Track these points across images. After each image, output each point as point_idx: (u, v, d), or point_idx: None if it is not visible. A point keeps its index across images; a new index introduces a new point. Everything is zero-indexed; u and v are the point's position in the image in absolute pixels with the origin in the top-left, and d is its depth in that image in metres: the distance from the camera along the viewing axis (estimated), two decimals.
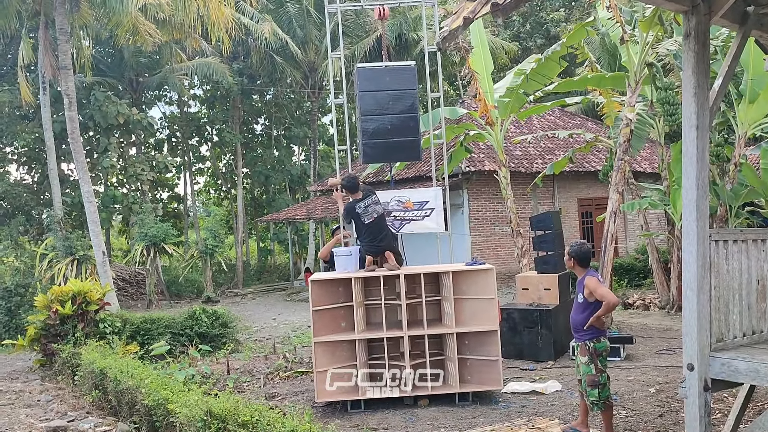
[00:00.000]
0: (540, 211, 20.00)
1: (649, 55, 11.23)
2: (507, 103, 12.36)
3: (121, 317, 10.95)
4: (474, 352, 7.45)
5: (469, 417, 6.81)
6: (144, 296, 21.97)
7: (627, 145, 11.00)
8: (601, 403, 5.65)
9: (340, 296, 7.52)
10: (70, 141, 14.90)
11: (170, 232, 21.25)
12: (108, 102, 23.83)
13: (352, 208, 7.40)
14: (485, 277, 7.37)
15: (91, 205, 14.42)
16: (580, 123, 23.76)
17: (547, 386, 7.70)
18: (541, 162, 19.93)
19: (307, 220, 23.91)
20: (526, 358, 9.39)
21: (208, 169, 35.14)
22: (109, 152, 24.65)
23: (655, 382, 7.75)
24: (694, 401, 3.64)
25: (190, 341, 10.95)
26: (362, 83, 8.05)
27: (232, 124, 29.89)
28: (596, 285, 5.60)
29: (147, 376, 7.08)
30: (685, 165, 3.70)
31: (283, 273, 30.24)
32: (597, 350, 5.68)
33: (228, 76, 25.65)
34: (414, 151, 8.21)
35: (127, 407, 7.11)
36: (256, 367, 10.02)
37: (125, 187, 28.63)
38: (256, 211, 33.73)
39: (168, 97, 31.27)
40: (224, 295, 23.29)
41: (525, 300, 9.94)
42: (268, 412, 5.16)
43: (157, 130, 30.15)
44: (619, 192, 11.10)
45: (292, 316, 16.58)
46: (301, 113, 33.69)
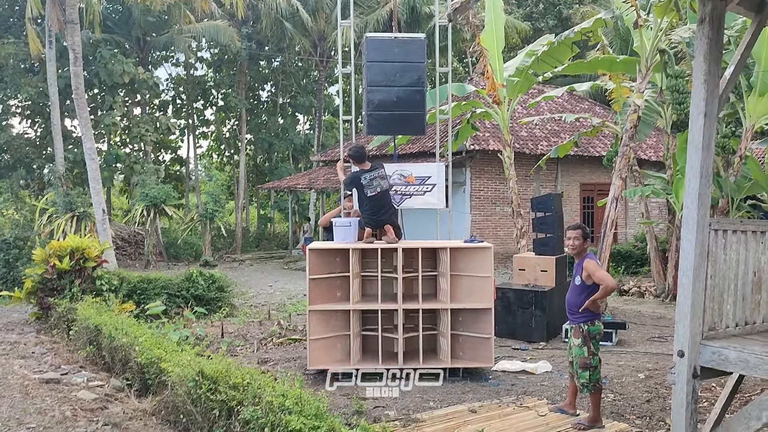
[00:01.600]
0: (542, 193, 19.96)
1: (662, 41, 11.10)
2: (516, 83, 12.26)
3: (118, 275, 10.99)
4: (467, 328, 7.49)
5: (459, 392, 6.87)
6: (142, 256, 22.04)
7: (633, 131, 10.93)
8: (591, 386, 5.69)
9: (337, 266, 7.54)
10: (74, 97, 14.79)
11: (171, 194, 21.25)
12: (114, 60, 23.67)
13: (357, 177, 7.37)
14: (483, 255, 7.38)
15: (93, 162, 14.38)
16: (588, 107, 23.60)
17: (538, 366, 7.75)
18: (546, 144, 19.84)
19: (308, 189, 23.89)
20: (518, 338, 9.45)
21: (212, 133, 35.03)
22: (113, 110, 24.54)
23: (645, 368, 7.80)
24: (682, 387, 3.67)
25: (186, 303, 11.01)
26: (370, 53, 7.98)
27: (238, 89, 29.71)
28: (595, 268, 5.61)
29: (141, 334, 7.13)
30: (690, 153, 3.68)
31: (282, 241, 30.30)
32: (591, 333, 5.70)
33: (236, 40, 25.43)
34: (419, 125, 8.17)
35: (120, 364, 7.18)
36: (250, 332, 10.09)
37: (128, 147, 28.56)
38: (258, 178, 33.67)
39: (174, 58, 31.06)
40: (222, 260, 23.37)
41: (521, 280, 9.97)
42: (260, 376, 5.21)
43: (163, 91, 30.01)
44: (623, 178, 11.06)
45: (288, 285, 16.64)
46: (308, 82, 33.47)
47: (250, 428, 4.65)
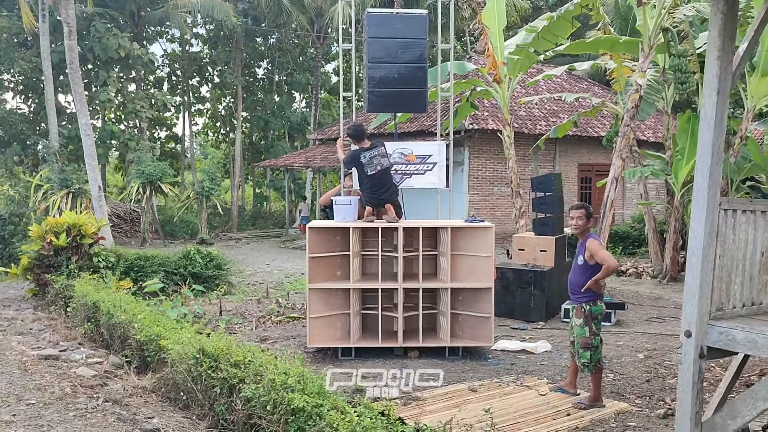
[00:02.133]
0: (540, 173, 19.92)
1: (665, 20, 10.99)
2: (516, 61, 12.14)
3: (115, 252, 10.94)
4: (467, 308, 7.47)
5: (459, 371, 6.87)
6: (138, 234, 21.96)
7: (635, 111, 10.85)
8: (591, 365, 5.69)
9: (337, 245, 7.49)
10: (69, 71, 14.60)
11: (167, 171, 21.11)
12: (108, 34, 23.36)
13: (357, 156, 7.29)
14: (484, 234, 7.34)
15: (89, 138, 14.22)
16: (587, 87, 23.48)
17: (537, 346, 7.76)
18: (545, 124, 19.76)
19: (305, 168, 23.77)
20: (517, 318, 9.45)
21: (208, 110, 34.77)
22: (107, 86, 24.27)
23: (644, 348, 7.82)
24: (688, 367, 3.65)
25: (184, 281, 10.96)
26: (372, 29, 7.85)
27: (234, 66, 29.42)
28: (598, 248, 5.58)
29: (140, 311, 7.09)
30: (702, 130, 3.63)
31: (278, 220, 30.23)
32: (592, 313, 5.68)
33: (232, 16, 25.12)
34: (420, 102, 8.08)
35: (118, 341, 7.15)
36: (248, 310, 10.07)
37: (123, 124, 28.32)
38: (254, 156, 33.51)
39: (169, 34, 30.72)
40: (218, 238, 23.30)
41: (520, 260, 9.95)
42: (261, 354, 5.18)
43: (158, 67, 29.69)
44: (623, 158, 11.01)
45: (285, 263, 16.61)
46: (305, 59, 33.18)
47: (251, 406, 4.63)
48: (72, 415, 5.02)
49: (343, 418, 3.86)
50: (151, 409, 5.40)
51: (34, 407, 5.13)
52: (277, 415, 4.42)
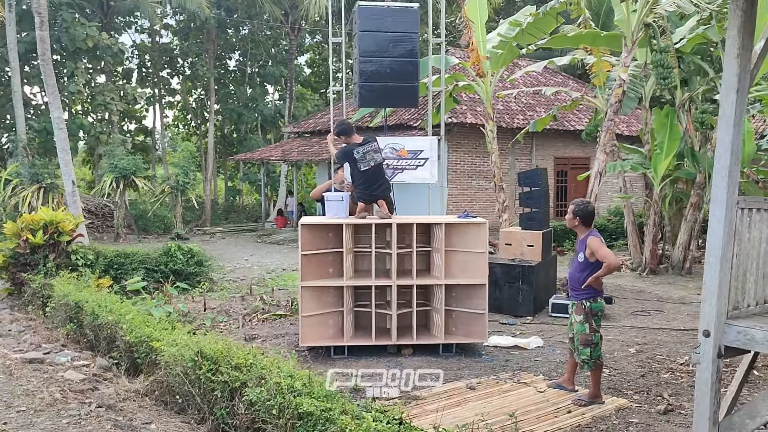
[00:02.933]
0: (518, 167, 20.01)
1: (647, 15, 11.06)
2: (499, 55, 12.13)
3: (93, 250, 10.65)
4: (461, 304, 7.43)
5: (454, 368, 6.83)
6: (110, 229, 21.50)
7: (618, 105, 10.93)
8: (591, 362, 5.69)
9: (329, 242, 7.38)
10: (41, 62, 14.13)
11: (141, 165, 20.68)
12: (76, 24, 22.73)
13: (350, 151, 7.17)
14: (477, 230, 7.30)
15: (62, 131, 13.79)
16: (562, 81, 23.63)
17: (530, 342, 7.76)
18: (522, 118, 19.82)
19: (282, 161, 23.50)
20: (505, 313, 9.45)
21: (178, 102, 34.18)
22: (76, 77, 23.65)
23: (634, 342, 7.87)
24: (707, 367, 3.64)
25: (165, 278, 10.73)
26: (363, 22, 7.73)
27: (207, 57, 28.93)
28: (599, 245, 5.57)
29: (127, 312, 6.90)
30: (720, 129, 3.61)
31: (251, 214, 29.90)
32: (593, 310, 5.68)
33: (204, 6, 24.65)
34: (411, 97, 7.99)
35: (105, 342, 6.93)
36: (232, 308, 9.90)
37: (91, 116, 27.66)
38: (225, 149, 33.06)
39: (139, 24, 30.05)
40: (193, 233, 22.94)
41: (507, 255, 9.96)
42: (262, 356, 5.06)
43: (127, 58, 29.04)
44: (607, 152, 11.09)
45: (264, 258, 16.42)
46: (278, 51, 32.78)
47: (255, 410, 4.51)
48: (66, 422, 4.85)
49: (358, 424, 3.76)
50: (146, 414, 5.24)
51: (25, 414, 4.94)
52: (283, 419, 4.31)
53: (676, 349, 7.55)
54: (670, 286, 11.96)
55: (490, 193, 19.35)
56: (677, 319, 9.19)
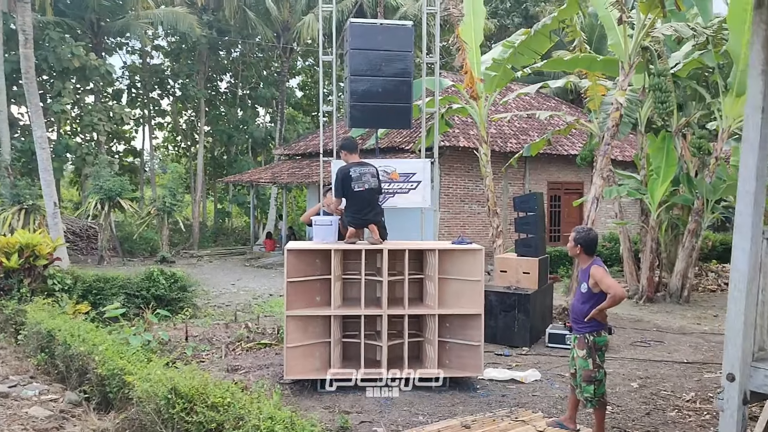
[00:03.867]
0: (510, 191, 19.77)
1: (644, 39, 10.88)
2: (493, 77, 11.91)
3: (71, 274, 10.21)
4: (455, 335, 7.05)
5: (448, 404, 6.43)
6: (95, 251, 21.01)
7: (615, 129, 10.69)
8: (595, 400, 5.32)
9: (317, 268, 7.00)
10: (24, 81, 13.80)
11: (127, 186, 20.27)
12: (62, 43, 22.43)
13: (347, 171, 6.82)
14: (473, 257, 6.95)
15: (44, 152, 13.42)
16: (555, 105, 23.51)
17: (527, 375, 7.37)
18: (515, 142, 19.62)
19: (272, 183, 23.16)
20: (500, 343, 9.07)
21: (168, 124, 33.88)
22: (62, 97, 23.30)
23: (636, 376, 7.51)
24: (732, 414, 3.29)
25: (146, 304, 10.29)
26: (354, 40, 7.45)
27: (197, 79, 28.70)
28: (603, 275, 5.22)
29: (101, 341, 6.49)
30: (744, 152, 3.30)
31: (240, 237, 29.48)
32: (597, 344, 5.32)
33: (196, 27, 24.47)
34: (404, 118, 7.69)
35: (76, 374, 6.52)
36: (216, 336, 9.47)
37: (79, 137, 27.28)
38: (215, 171, 32.71)
39: (130, 46, 29.84)
40: (179, 256, 22.48)
41: (502, 282, 9.60)
42: (241, 394, 4.67)
43: (117, 79, 28.78)
44: (604, 177, 10.82)
45: (251, 283, 15.99)
46: (269, 73, 32.65)
47: None
48: None
49: None
50: None
51: None
52: None
53: (680, 383, 7.19)
54: (668, 315, 11.63)
55: (482, 218, 19.08)
56: (679, 351, 8.84)
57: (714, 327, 10.64)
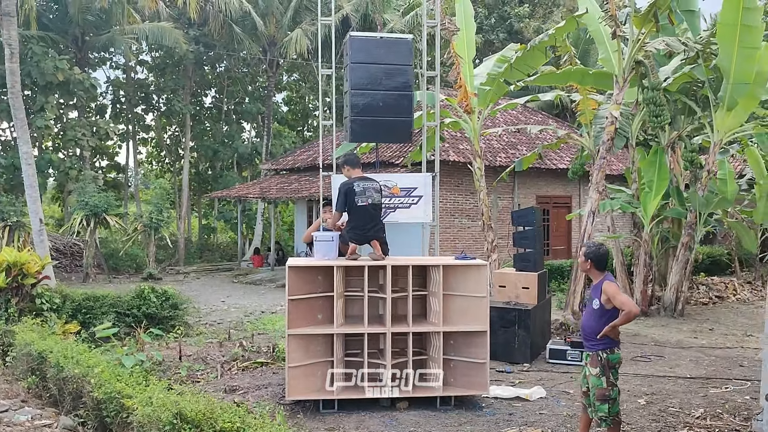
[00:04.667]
0: (500, 206, 19.75)
1: (638, 53, 10.93)
2: (487, 92, 11.90)
3: (60, 293, 9.95)
4: (459, 353, 6.93)
5: (455, 424, 6.29)
6: (79, 269, 20.63)
7: (611, 143, 10.70)
8: (610, 419, 5.21)
9: (318, 285, 6.85)
10: (10, 96, 13.56)
11: (113, 202, 19.95)
12: (46, 57, 22.14)
13: (351, 185, 6.70)
14: (477, 273, 6.84)
15: (30, 167, 13.16)
16: (542, 120, 23.60)
17: (532, 392, 7.25)
18: (504, 156, 19.63)
19: (260, 199, 22.95)
20: (500, 360, 8.93)
21: (152, 139, 33.54)
22: (45, 112, 22.95)
23: (642, 392, 7.42)
24: None
25: (138, 323, 10.04)
26: (354, 54, 7.36)
27: (184, 94, 28.48)
28: (615, 291, 5.13)
29: (96, 363, 6.26)
30: None
31: (226, 253, 29.16)
32: (610, 362, 5.21)
33: (182, 42, 24.29)
34: (405, 132, 7.61)
35: (70, 398, 6.29)
36: (210, 355, 9.25)
37: (62, 152, 26.89)
38: (200, 187, 32.39)
39: (114, 60, 29.54)
40: (166, 273, 22.15)
41: (501, 298, 9.50)
42: (249, 417, 4.50)
43: (101, 94, 28.46)
44: (600, 191, 10.81)
45: (242, 300, 15.75)
46: (255, 88, 32.51)
47: None
48: None
49: None
50: None
51: None
52: None
53: (687, 399, 7.11)
54: (664, 329, 11.59)
55: (472, 232, 19.03)
56: (680, 366, 8.77)
57: (711, 341, 10.62)
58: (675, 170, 13.18)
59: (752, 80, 11.20)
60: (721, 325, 12.14)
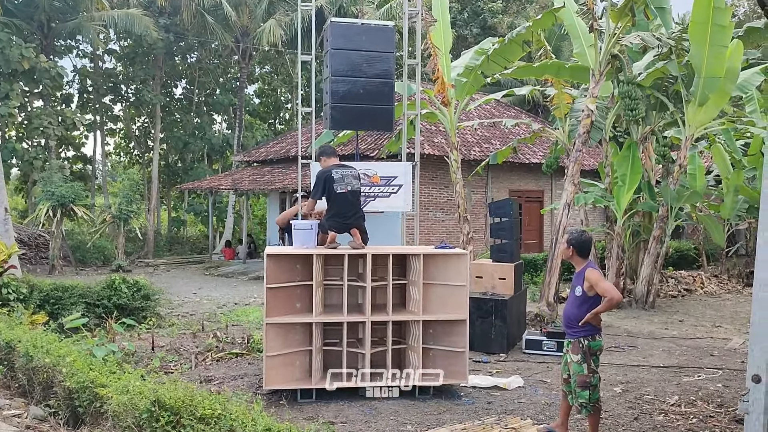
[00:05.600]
0: (473, 199, 19.81)
1: (614, 47, 11.02)
2: (465, 83, 11.89)
3: (27, 283, 9.68)
4: (439, 341, 6.91)
5: (434, 413, 6.26)
6: (44, 261, 20.15)
7: (587, 136, 10.77)
8: (590, 406, 5.23)
9: (297, 274, 6.76)
10: None
11: (81, 192, 19.50)
12: (10, 44, 21.54)
13: (328, 173, 6.62)
14: (457, 262, 6.83)
15: None
16: (515, 114, 23.74)
17: (510, 381, 7.27)
18: (478, 150, 19.69)
19: (232, 190, 22.67)
20: (476, 350, 8.92)
21: (121, 130, 32.91)
22: (10, 99, 22.34)
23: (617, 381, 7.49)
24: (758, 418, 3.22)
25: (108, 313, 9.82)
26: (335, 40, 7.26)
27: (154, 84, 27.97)
28: (598, 278, 5.15)
29: (68, 353, 6.08)
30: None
31: (196, 246, 28.79)
32: (591, 349, 5.24)
33: (152, 30, 23.84)
34: (386, 120, 7.54)
35: (40, 388, 6.10)
36: (183, 346, 9.08)
37: (26, 142, 26.22)
38: (169, 179, 31.90)
39: (80, 49, 28.86)
40: (135, 265, 21.75)
41: (478, 288, 9.51)
42: (231, 404, 4.41)
43: (67, 83, 27.80)
44: (575, 184, 10.88)
45: (213, 292, 15.54)
46: (226, 80, 32.11)
47: None
48: None
49: None
50: None
51: None
52: None
53: (662, 387, 7.19)
54: (636, 321, 11.75)
55: (446, 225, 19.08)
56: (653, 356, 8.89)
57: (682, 331, 10.79)
58: (646, 165, 13.34)
59: (723, 75, 11.37)
60: (690, 316, 12.35)
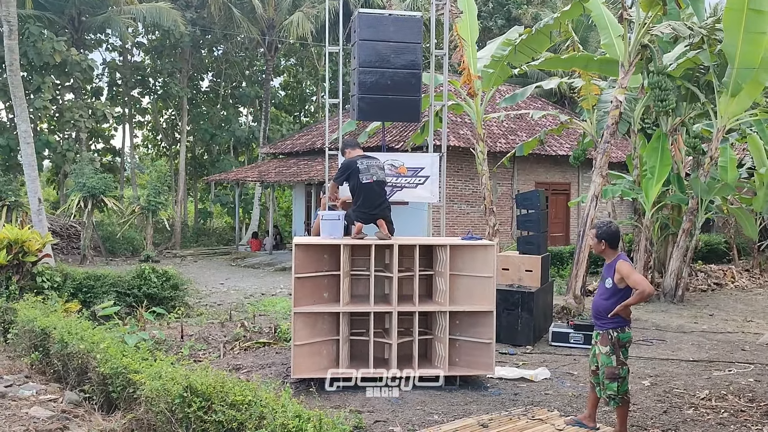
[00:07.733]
0: (499, 192, 19.72)
1: (644, 37, 10.86)
2: (491, 74, 11.82)
3: (61, 272, 9.89)
4: (465, 333, 6.92)
5: (461, 403, 6.28)
6: (76, 251, 20.53)
7: (615, 127, 10.66)
8: (618, 398, 5.20)
9: (324, 264, 6.82)
10: (9, 73, 13.40)
11: (111, 184, 19.83)
12: (42, 38, 21.90)
13: (353, 162, 6.68)
14: (484, 253, 6.82)
15: (29, 146, 13.03)
16: (542, 106, 23.53)
17: (537, 373, 7.25)
18: (504, 142, 19.58)
19: (259, 182, 22.85)
20: (503, 342, 8.89)
21: (148, 122, 33.31)
22: (42, 92, 22.74)
23: (646, 374, 7.43)
24: None
25: (138, 302, 10.00)
26: (363, 31, 7.27)
27: (181, 77, 28.25)
28: (630, 271, 5.11)
29: (101, 339, 6.22)
30: None
31: (222, 237, 29.07)
32: (620, 341, 5.21)
33: (180, 23, 24.06)
34: (413, 111, 7.54)
35: (74, 374, 6.26)
36: (212, 335, 9.22)
37: (58, 134, 26.68)
38: (196, 171, 32.24)
39: (110, 42, 29.26)
40: (163, 256, 22.06)
41: (504, 281, 9.47)
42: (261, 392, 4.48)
43: (97, 76, 28.23)
44: (603, 176, 10.77)
45: (241, 282, 15.71)
46: (252, 72, 32.30)
47: None
48: None
49: None
50: None
51: None
52: None
53: (691, 381, 7.12)
54: (665, 314, 11.62)
55: (471, 218, 19.01)
56: (682, 350, 8.79)
57: (712, 325, 10.65)
58: (676, 157, 13.15)
59: (758, 65, 11.13)
60: (720, 311, 12.17)
